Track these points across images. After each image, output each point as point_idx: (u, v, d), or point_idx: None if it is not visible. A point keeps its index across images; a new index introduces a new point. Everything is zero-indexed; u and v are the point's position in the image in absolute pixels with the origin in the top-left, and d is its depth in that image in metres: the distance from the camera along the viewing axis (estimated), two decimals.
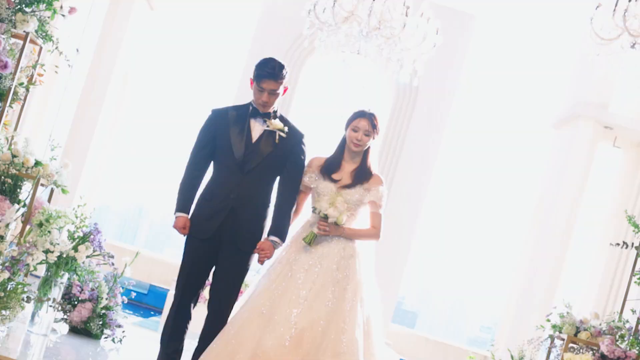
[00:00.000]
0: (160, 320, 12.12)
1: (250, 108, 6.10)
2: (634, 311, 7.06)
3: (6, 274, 6.30)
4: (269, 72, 6.08)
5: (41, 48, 7.25)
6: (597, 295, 12.29)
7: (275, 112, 6.14)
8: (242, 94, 12.80)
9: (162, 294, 13.06)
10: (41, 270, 7.13)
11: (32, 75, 7.22)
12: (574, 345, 6.86)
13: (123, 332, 7.48)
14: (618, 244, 7.41)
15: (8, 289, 6.38)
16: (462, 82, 13.72)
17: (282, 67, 6.11)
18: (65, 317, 7.35)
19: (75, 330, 7.34)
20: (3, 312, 6.37)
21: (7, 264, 6.41)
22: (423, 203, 13.40)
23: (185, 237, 6.20)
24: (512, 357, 6.82)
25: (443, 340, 15.36)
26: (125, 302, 7.67)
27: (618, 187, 12.85)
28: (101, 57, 12.10)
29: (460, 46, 13.19)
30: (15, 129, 7.26)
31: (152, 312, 12.69)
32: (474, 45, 13.77)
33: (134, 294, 8.08)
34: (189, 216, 6.17)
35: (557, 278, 12.34)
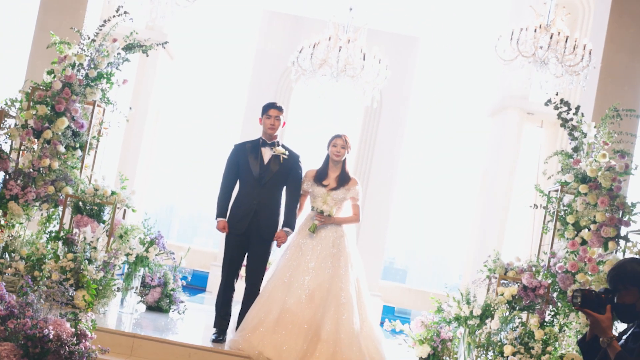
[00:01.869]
0: (205, 296, 12.75)
1: (261, 140, 7.03)
2: (545, 253, 7.76)
3: (101, 273, 7.08)
4: (273, 104, 7.11)
5: (104, 110, 8.03)
6: (532, 246, 12.72)
7: (278, 142, 7.05)
8: (248, 113, 13.23)
9: (202, 277, 13.56)
10: (123, 268, 7.72)
11: (100, 130, 8.04)
12: (505, 281, 7.43)
13: (185, 306, 8.12)
14: (530, 206, 8.16)
15: (103, 283, 7.14)
16: (414, 91, 13.91)
17: (280, 105, 7.14)
18: (142, 299, 8.01)
19: (150, 308, 8.02)
20: (102, 300, 7.18)
21: (100, 266, 7.15)
22: (395, 186, 13.71)
23: (225, 234, 7.04)
24: (461, 294, 7.40)
25: (425, 289, 15.68)
26: (184, 285, 8.27)
27: (543, 158, 13.08)
28: (138, 100, 12.47)
29: (410, 63, 13.54)
30: (92, 169, 8.04)
31: (197, 291, 13.02)
32: (420, 61, 14.08)
33: (189, 278, 8.64)
34: (226, 219, 6.99)
35: (502, 236, 12.66)
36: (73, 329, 5.84)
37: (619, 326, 4.56)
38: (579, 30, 11.48)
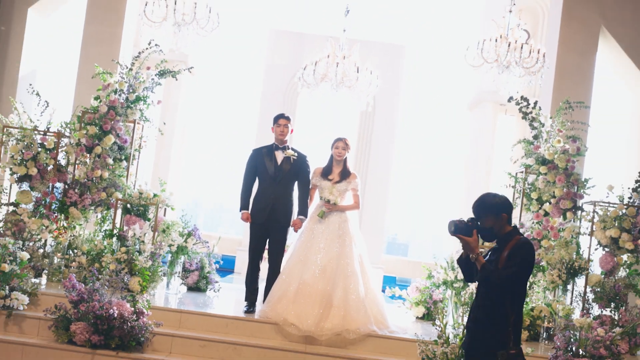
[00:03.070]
0: (233, 276, 13.04)
1: (274, 145, 7.52)
2: (522, 225, 8.09)
3: (150, 262, 7.51)
4: (282, 114, 7.58)
5: (143, 126, 8.47)
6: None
7: (288, 145, 7.54)
8: (261, 119, 13.51)
9: (230, 260, 13.83)
10: (167, 257, 8.12)
11: (140, 144, 8.46)
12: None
13: (219, 285, 8.56)
14: (501, 186, 8.50)
15: (152, 270, 7.56)
16: (403, 92, 14.16)
17: (288, 115, 7.63)
18: (184, 281, 8.45)
19: (190, 288, 8.46)
20: (151, 284, 7.60)
21: (149, 256, 7.56)
22: (391, 176, 14.06)
23: (249, 224, 7.49)
24: (447, 262, 7.89)
25: (424, 261, 15.87)
26: (217, 268, 8.69)
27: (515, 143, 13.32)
28: (166, 114, 12.76)
29: (398, 68, 13.74)
30: (136, 176, 8.46)
31: (226, 272, 13.02)
32: (407, 66, 14.32)
33: (222, 262, 9.06)
34: (249, 211, 7.46)
35: None
36: (132, 308, 6.43)
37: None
38: (540, 34, 11.83)
